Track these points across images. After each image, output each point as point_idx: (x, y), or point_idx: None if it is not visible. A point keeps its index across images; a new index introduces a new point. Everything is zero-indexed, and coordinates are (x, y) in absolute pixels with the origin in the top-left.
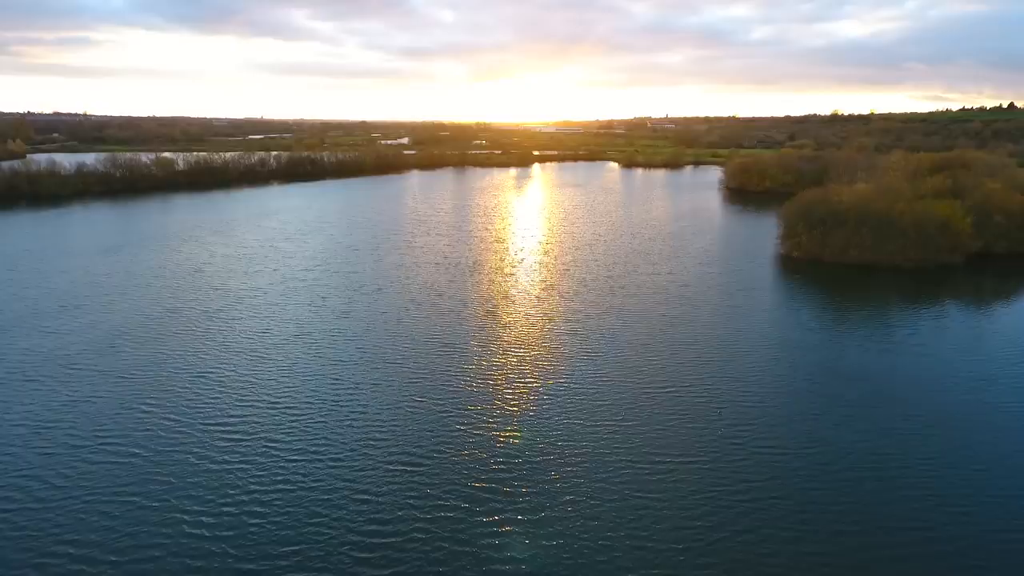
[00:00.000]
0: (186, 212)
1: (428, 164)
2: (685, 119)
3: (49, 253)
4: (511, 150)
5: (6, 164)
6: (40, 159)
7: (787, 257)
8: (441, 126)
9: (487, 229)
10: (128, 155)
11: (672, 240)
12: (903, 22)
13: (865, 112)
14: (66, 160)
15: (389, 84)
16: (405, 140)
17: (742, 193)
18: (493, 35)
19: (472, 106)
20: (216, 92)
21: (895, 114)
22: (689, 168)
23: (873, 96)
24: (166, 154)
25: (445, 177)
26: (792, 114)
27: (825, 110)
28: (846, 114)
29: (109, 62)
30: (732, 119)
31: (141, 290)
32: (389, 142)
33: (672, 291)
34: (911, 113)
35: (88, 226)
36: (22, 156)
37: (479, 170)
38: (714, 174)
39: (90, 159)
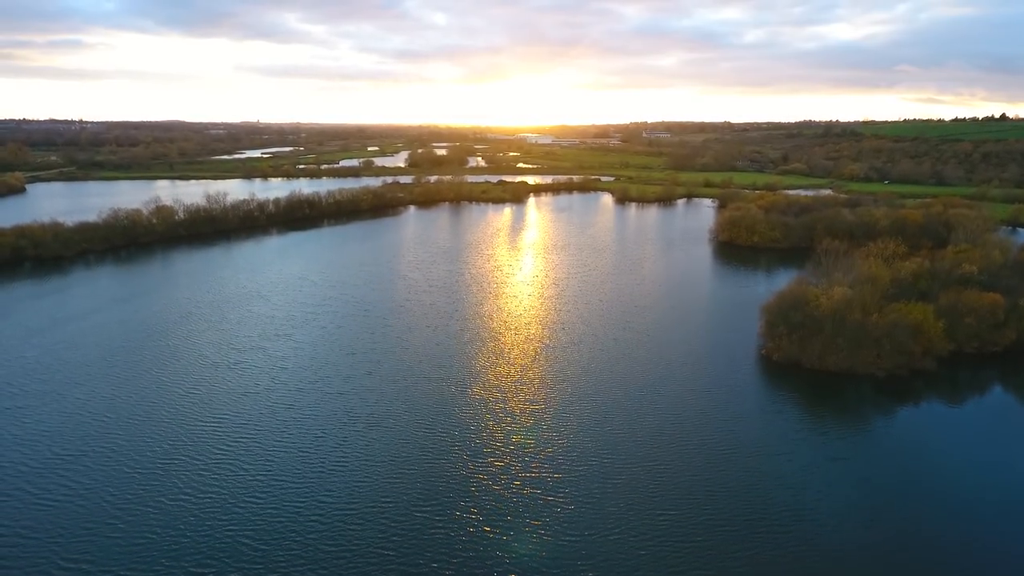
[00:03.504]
0: (186, 283)
1: (424, 201)
2: (680, 124)
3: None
4: (507, 171)
5: (10, 226)
6: (39, 192)
7: (767, 358)
8: (437, 133)
9: (477, 308)
10: (129, 209)
11: (657, 329)
12: (894, 25)
13: (859, 118)
14: (66, 202)
15: (383, 86)
16: (402, 162)
17: (731, 248)
18: (486, 38)
19: (467, 108)
20: (210, 94)
21: (888, 123)
22: (682, 203)
23: (866, 98)
24: (166, 202)
25: (441, 218)
26: (786, 120)
27: (819, 114)
28: (839, 128)
29: (101, 65)
30: (726, 124)
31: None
32: (386, 163)
33: (653, 395)
34: (904, 121)
35: (94, 296)
36: (21, 190)
37: (475, 207)
38: (706, 213)
39: (91, 202)
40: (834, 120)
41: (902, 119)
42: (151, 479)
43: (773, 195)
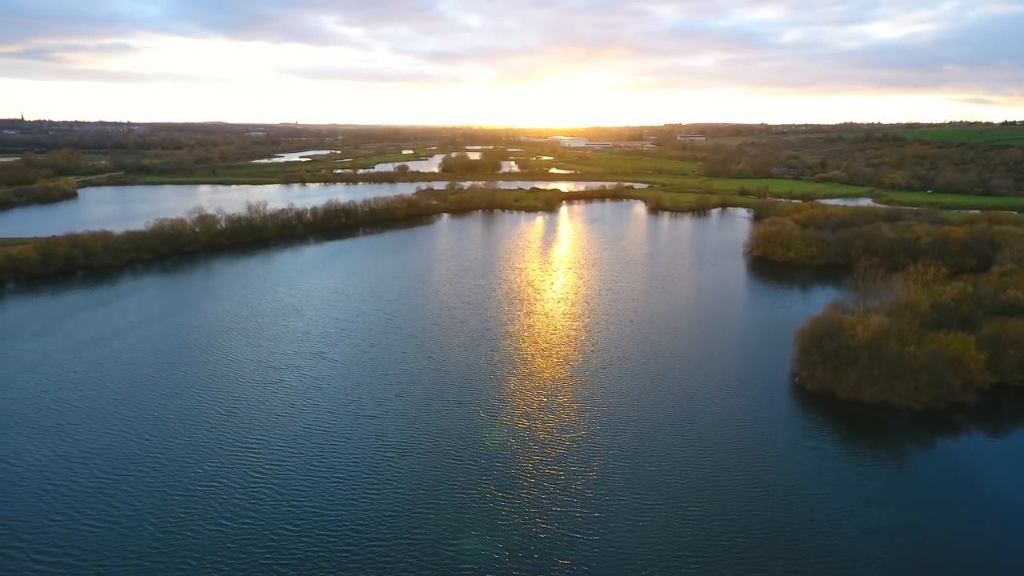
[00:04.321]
0: (226, 296)
1: (457, 210)
2: (715, 126)
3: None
4: (539, 177)
5: (64, 234)
6: (90, 198)
7: (801, 387)
8: (471, 134)
9: (507, 327)
10: (174, 219)
11: (688, 352)
12: (940, 23)
13: (903, 120)
14: (115, 208)
15: (418, 88)
16: (436, 167)
17: (766, 263)
18: (520, 39)
19: (501, 109)
20: (251, 96)
21: (933, 126)
22: (716, 213)
23: (910, 98)
24: (208, 211)
25: (474, 227)
26: (825, 121)
27: (860, 115)
28: (881, 131)
29: (147, 68)
30: (763, 126)
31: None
32: (420, 167)
33: (684, 426)
34: (950, 124)
35: (144, 304)
36: (73, 195)
37: (507, 215)
38: (741, 224)
39: (137, 208)
40: (876, 122)
41: (948, 121)
42: (192, 503)
43: (810, 208)
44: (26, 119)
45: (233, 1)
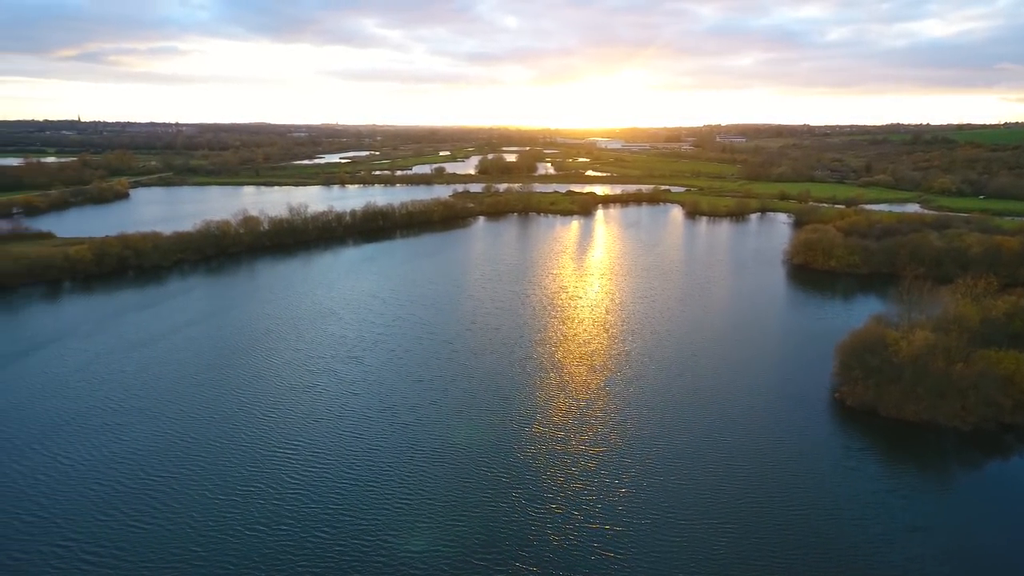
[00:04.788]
0: (267, 297)
1: (493, 213)
2: (755, 127)
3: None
4: (575, 180)
5: (116, 235)
6: (141, 198)
7: (841, 403)
8: (507, 135)
9: (541, 334)
10: (219, 220)
11: (725, 362)
12: (994, 20)
13: (954, 121)
14: (164, 209)
15: (456, 88)
16: (472, 168)
17: (806, 272)
18: (558, 40)
19: (538, 110)
20: (293, 97)
21: (986, 128)
22: (755, 218)
23: (962, 98)
24: (252, 213)
25: (509, 231)
26: (871, 122)
27: (908, 116)
28: (930, 133)
29: (195, 70)
30: (805, 128)
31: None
32: (456, 169)
33: (719, 439)
34: (1004, 125)
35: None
36: (125, 195)
37: (542, 218)
38: (781, 230)
39: (185, 209)
40: (925, 123)
41: (1002, 122)
42: (231, 507)
43: (853, 214)
44: (82, 120)
45: (277, 5)
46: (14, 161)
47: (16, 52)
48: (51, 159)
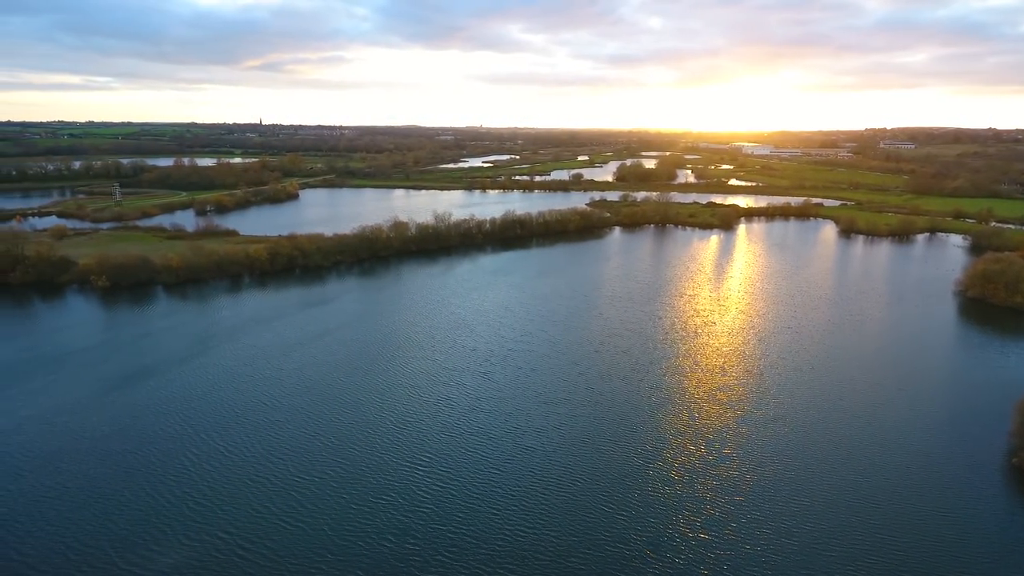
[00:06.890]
0: (410, 304)
1: (629, 224)
2: (927, 131)
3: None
4: (717, 189)
5: (287, 235)
6: (308, 200)
7: (1020, 470)
8: (647, 140)
9: (672, 362)
10: (372, 225)
11: (877, 410)
12: None
13: None
14: (326, 211)
15: (597, 91)
16: (610, 175)
17: (983, 307)
18: (703, 40)
19: (680, 112)
20: (442, 101)
21: None
22: (922, 239)
23: None
24: (401, 218)
25: (644, 244)
26: None
27: None
28: None
29: (357, 76)
30: (990, 132)
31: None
32: (594, 175)
33: (866, 502)
34: None
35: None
36: (295, 196)
37: (680, 231)
38: (953, 255)
39: (344, 211)
40: None
41: None
42: (362, 516)
43: None
44: (263, 123)
45: (430, 14)
46: (209, 161)
47: (212, 63)
48: (237, 159)
